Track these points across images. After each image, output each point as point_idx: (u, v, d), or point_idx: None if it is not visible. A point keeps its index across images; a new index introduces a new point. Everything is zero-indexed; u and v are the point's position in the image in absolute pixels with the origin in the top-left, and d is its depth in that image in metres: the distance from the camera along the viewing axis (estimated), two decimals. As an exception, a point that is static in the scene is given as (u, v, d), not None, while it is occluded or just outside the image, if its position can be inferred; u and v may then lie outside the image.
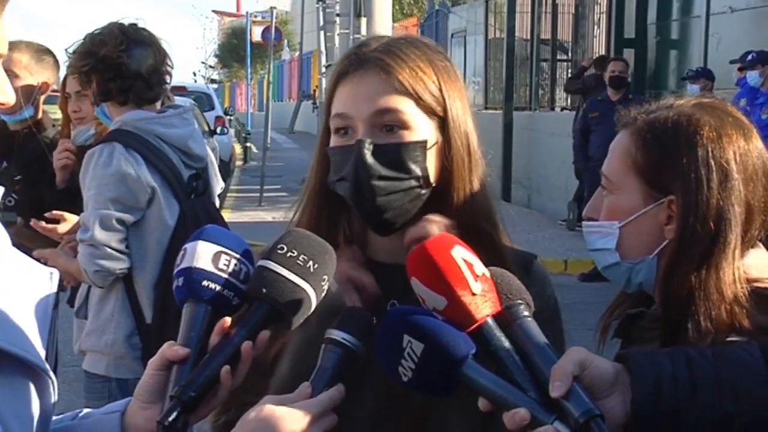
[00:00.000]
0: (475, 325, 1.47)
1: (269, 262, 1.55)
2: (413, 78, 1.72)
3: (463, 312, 1.46)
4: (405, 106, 1.71)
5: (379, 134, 1.71)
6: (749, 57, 9.70)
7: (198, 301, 1.57)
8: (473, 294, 1.46)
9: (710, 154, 1.70)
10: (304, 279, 1.55)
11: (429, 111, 1.73)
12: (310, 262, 1.55)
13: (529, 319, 1.50)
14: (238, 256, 1.59)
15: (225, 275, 1.57)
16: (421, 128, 1.73)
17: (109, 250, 3.47)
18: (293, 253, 1.56)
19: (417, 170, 1.72)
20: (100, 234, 3.47)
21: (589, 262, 11.11)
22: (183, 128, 3.77)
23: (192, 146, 3.77)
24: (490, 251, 1.67)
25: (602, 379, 1.43)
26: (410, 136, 1.72)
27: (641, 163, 1.75)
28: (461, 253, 1.49)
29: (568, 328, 1.82)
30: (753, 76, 9.63)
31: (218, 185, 4.02)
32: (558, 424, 1.39)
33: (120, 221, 3.52)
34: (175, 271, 1.60)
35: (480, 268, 1.50)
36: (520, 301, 1.51)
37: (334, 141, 1.76)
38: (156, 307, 3.56)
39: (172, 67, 3.79)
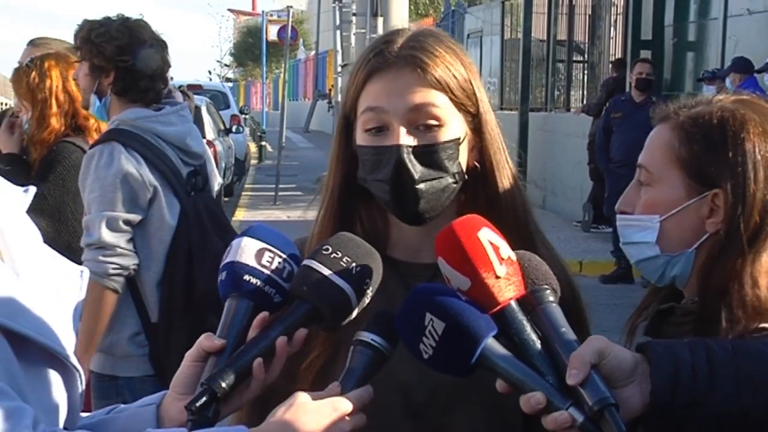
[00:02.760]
0: (498, 307, 1.48)
1: (313, 261, 1.58)
2: (446, 73, 1.74)
3: (486, 294, 1.48)
4: (440, 100, 1.73)
5: (415, 132, 1.72)
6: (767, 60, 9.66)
7: (240, 296, 1.60)
8: (497, 277, 1.48)
9: (757, 148, 1.73)
10: (345, 280, 1.57)
11: (460, 106, 1.75)
12: (353, 264, 1.58)
13: (554, 304, 1.51)
14: (282, 254, 1.62)
15: (267, 272, 1.60)
16: (454, 124, 1.75)
17: (119, 249, 3.47)
18: (337, 254, 1.58)
19: (453, 168, 1.74)
20: (108, 236, 3.45)
21: (604, 263, 11.13)
22: (181, 126, 3.75)
23: (190, 144, 3.75)
24: (524, 242, 1.68)
25: (621, 369, 1.44)
26: (445, 134, 1.73)
27: (685, 157, 1.76)
28: (488, 236, 1.51)
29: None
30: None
31: (216, 181, 4.01)
32: (573, 410, 1.41)
33: (126, 222, 3.51)
34: (221, 265, 1.63)
35: (506, 251, 1.51)
36: (546, 286, 1.52)
37: (365, 139, 1.76)
38: (161, 305, 3.56)
39: (170, 66, 3.79)
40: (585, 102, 16.84)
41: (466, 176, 1.77)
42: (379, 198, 1.76)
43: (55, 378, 1.46)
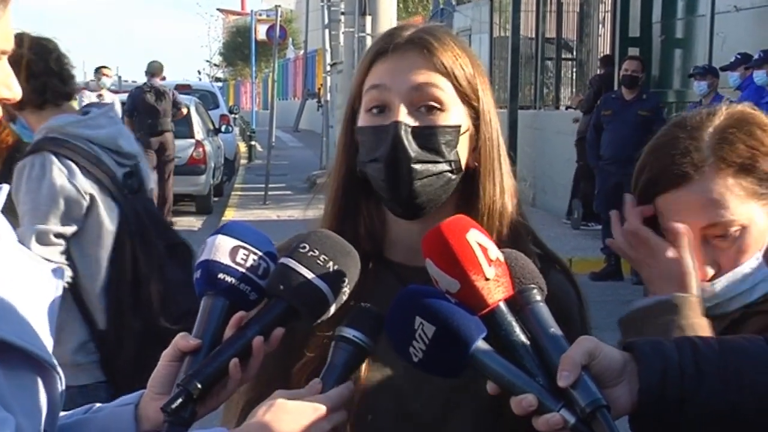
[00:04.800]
0: (487, 309, 1.48)
1: (289, 259, 1.57)
2: (453, 61, 1.73)
3: (475, 296, 1.47)
4: (444, 85, 1.72)
5: (415, 114, 1.71)
6: (756, 56, 9.68)
7: (215, 294, 1.59)
8: (486, 279, 1.47)
9: None
10: (322, 279, 1.55)
11: (464, 97, 1.74)
12: (330, 263, 1.56)
13: (541, 303, 1.51)
14: (257, 251, 1.61)
15: (242, 269, 1.58)
16: (456, 112, 1.73)
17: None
18: (314, 252, 1.57)
19: (450, 155, 1.72)
20: (37, 250, 3.36)
21: (593, 260, 11.14)
22: (111, 127, 3.69)
23: (122, 144, 3.69)
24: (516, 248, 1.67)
25: (611, 369, 1.44)
26: (446, 119, 1.72)
27: (757, 182, 1.74)
28: (476, 237, 1.50)
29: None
30: (760, 75, 9.61)
31: (152, 180, 3.94)
32: (564, 412, 1.40)
33: (58, 235, 3.45)
34: (195, 263, 1.62)
35: (494, 252, 1.50)
36: (532, 286, 1.52)
37: (365, 119, 1.75)
38: (108, 311, 3.53)
39: (74, 67, 3.69)
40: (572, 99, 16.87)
41: (464, 171, 1.75)
42: (374, 181, 1.73)
43: (35, 381, 1.45)
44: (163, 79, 16.49)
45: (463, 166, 1.75)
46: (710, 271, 1.76)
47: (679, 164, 1.76)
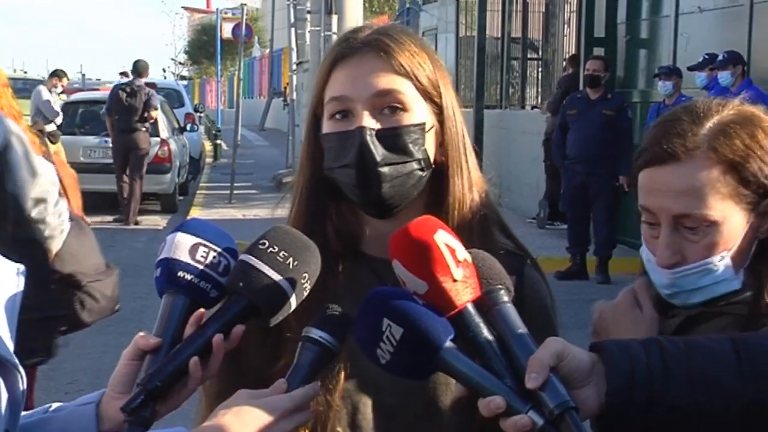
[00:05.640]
0: (455, 310, 1.47)
1: (249, 256, 1.56)
2: (411, 61, 1.73)
3: (443, 298, 1.46)
4: (405, 87, 1.72)
5: (379, 117, 1.71)
6: (720, 57, 9.76)
7: (175, 293, 1.58)
8: (454, 280, 1.46)
9: None
10: (282, 275, 1.55)
11: (425, 95, 1.74)
12: (290, 259, 1.55)
13: (508, 304, 1.50)
14: (217, 248, 1.60)
15: (201, 266, 1.57)
16: (419, 111, 1.73)
17: None
18: (274, 249, 1.56)
19: (418, 153, 1.73)
20: None
21: (559, 260, 11.20)
22: None
23: None
24: (485, 243, 1.68)
25: (579, 370, 1.44)
26: (410, 118, 1.72)
27: (741, 183, 1.71)
28: (444, 238, 1.48)
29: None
30: (724, 76, 9.69)
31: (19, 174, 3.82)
32: (533, 414, 1.40)
33: None
34: (156, 261, 1.61)
35: (462, 253, 1.49)
36: (499, 286, 1.51)
37: (329, 126, 1.74)
38: None
39: None
40: (539, 100, 16.94)
41: (433, 167, 1.76)
42: (345, 186, 1.74)
43: None
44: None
45: (432, 164, 1.76)
46: (672, 259, 1.74)
47: (671, 142, 1.73)
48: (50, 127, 15.43)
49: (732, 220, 1.72)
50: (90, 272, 3.97)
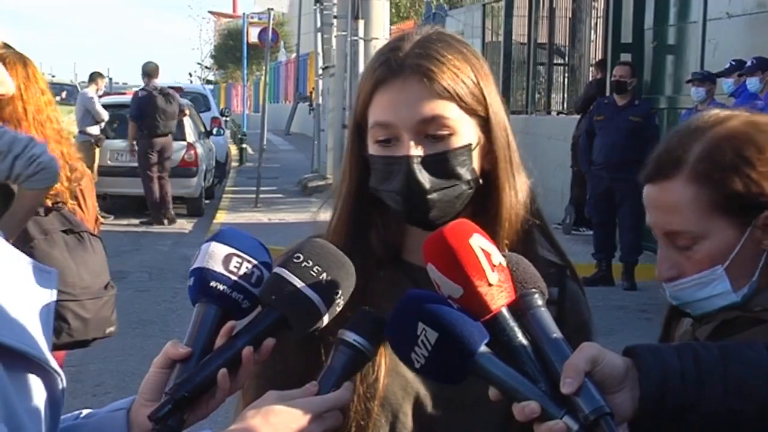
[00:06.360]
0: (490, 315, 1.47)
1: (282, 269, 1.55)
2: (455, 81, 1.69)
3: (479, 302, 1.46)
4: (449, 111, 1.68)
5: (425, 142, 1.68)
6: (749, 63, 9.70)
7: (207, 302, 1.58)
8: (490, 285, 1.46)
9: None
10: (314, 290, 1.54)
11: (471, 112, 1.71)
12: (324, 275, 1.55)
13: (543, 309, 1.50)
14: (251, 259, 1.60)
15: (234, 277, 1.57)
16: (466, 130, 1.70)
17: None
18: (308, 263, 1.55)
19: (467, 174, 1.70)
20: None
21: (585, 266, 11.15)
22: None
23: None
24: (528, 252, 1.67)
25: (613, 376, 1.44)
26: (456, 141, 1.69)
27: (722, 200, 1.72)
28: (479, 242, 1.48)
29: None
30: (753, 82, 9.63)
31: None
32: (568, 419, 1.39)
33: None
34: (189, 270, 1.61)
35: (497, 257, 1.49)
36: (534, 290, 1.51)
37: (375, 149, 1.72)
38: None
39: None
40: (565, 105, 16.90)
41: (481, 180, 1.74)
42: (392, 206, 1.73)
43: (37, 384, 1.46)
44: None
45: (479, 176, 1.74)
46: (669, 273, 1.77)
47: (662, 159, 1.78)
48: (94, 130, 15.67)
49: (721, 235, 1.73)
50: (71, 290, 3.89)
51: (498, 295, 1.47)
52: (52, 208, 3.98)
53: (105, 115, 16.09)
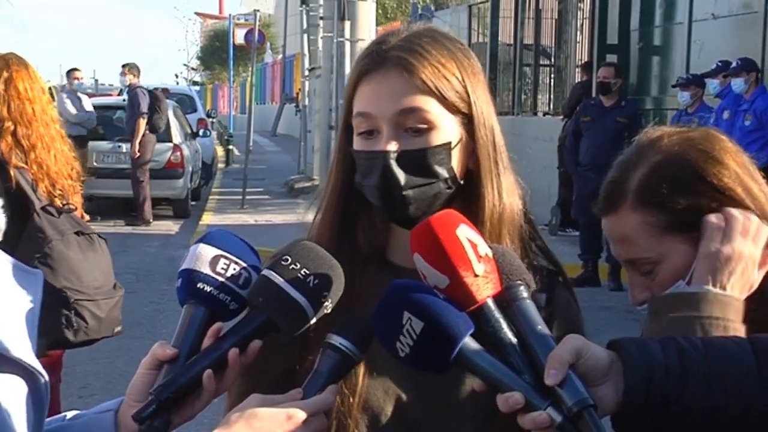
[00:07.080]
0: (476, 305, 1.47)
1: (270, 272, 1.55)
2: (436, 76, 1.67)
3: (464, 292, 1.46)
4: (429, 105, 1.67)
5: (404, 136, 1.67)
6: (734, 64, 9.74)
7: (195, 304, 1.58)
8: (476, 275, 1.46)
9: (717, 174, 1.73)
10: (301, 293, 1.53)
11: (453, 109, 1.69)
12: (311, 277, 1.54)
13: (528, 301, 1.50)
14: (239, 261, 1.59)
15: (221, 279, 1.57)
16: (446, 127, 1.69)
17: None
18: (296, 265, 1.55)
19: (444, 173, 1.69)
20: None
21: (571, 266, 11.17)
22: None
23: None
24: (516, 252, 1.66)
25: (597, 368, 1.44)
26: (435, 138, 1.68)
27: (671, 221, 1.73)
28: (466, 233, 1.48)
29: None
30: (738, 83, 9.67)
31: None
32: (551, 411, 1.40)
33: None
34: (177, 272, 1.61)
35: (483, 248, 1.49)
36: (519, 282, 1.51)
37: (358, 143, 1.72)
38: None
39: None
40: (552, 106, 16.94)
41: (462, 181, 1.72)
42: (372, 202, 1.73)
43: (19, 384, 1.45)
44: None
45: (460, 175, 1.72)
46: (640, 297, 1.79)
47: (608, 192, 1.81)
48: (76, 131, 15.05)
49: (677, 254, 1.73)
50: (87, 290, 3.92)
51: (484, 286, 1.47)
52: (63, 210, 3.98)
53: (73, 112, 15.64)
